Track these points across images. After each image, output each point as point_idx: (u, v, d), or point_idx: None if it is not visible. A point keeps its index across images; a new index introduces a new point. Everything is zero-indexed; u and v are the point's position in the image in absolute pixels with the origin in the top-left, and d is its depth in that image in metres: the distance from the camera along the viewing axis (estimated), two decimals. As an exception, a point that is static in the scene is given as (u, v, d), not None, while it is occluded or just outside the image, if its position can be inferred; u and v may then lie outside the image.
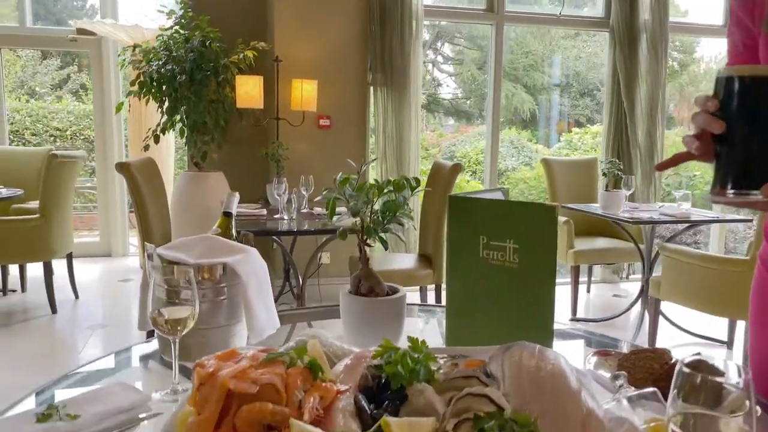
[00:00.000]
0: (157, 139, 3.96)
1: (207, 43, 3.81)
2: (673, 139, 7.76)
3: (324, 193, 1.26)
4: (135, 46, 3.95)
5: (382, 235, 1.26)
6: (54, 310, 4.13)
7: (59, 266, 4.43)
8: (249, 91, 3.72)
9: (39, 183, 3.98)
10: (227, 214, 1.39)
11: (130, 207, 6.15)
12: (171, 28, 3.98)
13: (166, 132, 3.99)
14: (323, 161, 4.24)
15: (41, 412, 0.92)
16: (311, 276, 4.00)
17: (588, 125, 8.93)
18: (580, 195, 4.47)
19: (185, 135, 3.99)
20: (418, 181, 1.24)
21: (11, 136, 6.79)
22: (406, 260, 3.78)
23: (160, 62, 3.80)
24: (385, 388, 0.89)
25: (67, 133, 7.88)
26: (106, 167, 6.09)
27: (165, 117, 3.96)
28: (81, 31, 5.27)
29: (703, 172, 7.92)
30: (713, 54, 8.10)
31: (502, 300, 1.21)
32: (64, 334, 3.87)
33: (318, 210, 3.54)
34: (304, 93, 3.89)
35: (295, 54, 4.15)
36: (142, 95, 3.86)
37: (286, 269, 3.70)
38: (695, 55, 9.16)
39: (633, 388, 0.95)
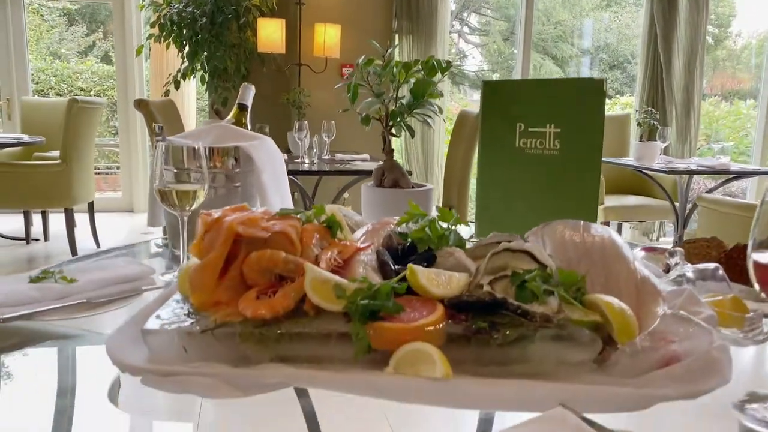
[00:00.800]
0: (177, 85, 3.88)
1: (229, -17, 3.70)
2: (707, 109, 7.48)
3: (345, 77, 1.15)
4: (155, -13, 3.86)
5: (410, 122, 1.16)
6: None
7: (81, 219, 4.41)
8: (271, 34, 3.62)
9: (61, 132, 3.94)
10: (242, 106, 1.30)
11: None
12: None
13: (187, 78, 3.91)
14: (345, 113, 4.11)
15: (35, 275, 0.84)
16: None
17: (618, 96, 8.66)
18: (612, 151, 4.30)
19: (206, 81, 3.90)
20: (449, 63, 1.13)
21: (36, 95, 6.79)
22: (430, 212, 3.67)
23: (181, 5, 3.71)
24: (410, 252, 0.79)
25: (91, 93, 7.87)
26: (128, 126, 6.06)
27: (185, 63, 3.87)
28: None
29: (737, 142, 7.64)
30: (751, 30, 7.66)
31: (540, 192, 1.11)
32: (85, 280, 3.85)
33: (340, 156, 3.45)
34: (327, 38, 3.77)
35: (319, -3, 4.04)
36: (162, 39, 3.77)
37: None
38: (731, 29, 8.79)
39: (690, 265, 0.84)
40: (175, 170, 1.03)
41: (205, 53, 3.79)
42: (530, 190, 1.13)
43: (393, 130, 1.15)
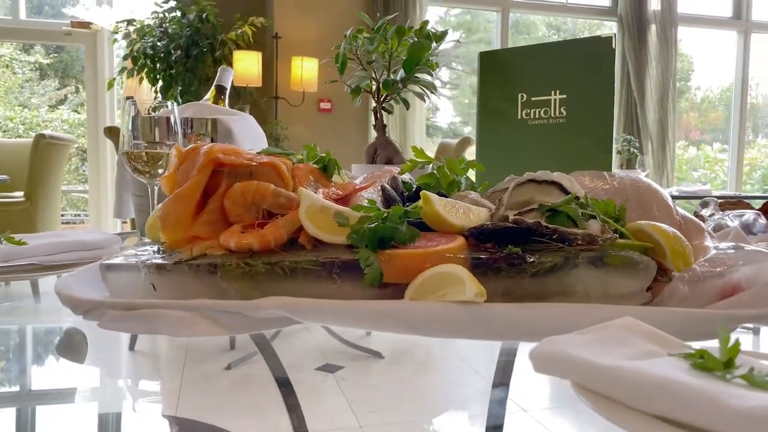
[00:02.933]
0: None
1: (203, 16, 3.65)
2: (677, 153, 7.62)
3: (332, 48, 1.08)
4: (129, 21, 3.80)
5: (404, 95, 1.07)
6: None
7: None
8: (247, 67, 3.57)
9: (26, 172, 3.78)
10: (220, 88, 1.21)
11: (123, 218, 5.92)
12: (167, 1, 3.83)
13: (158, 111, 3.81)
14: (323, 147, 4.04)
15: (-23, 238, 0.72)
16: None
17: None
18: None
19: (180, 116, 3.81)
20: (444, 32, 1.06)
21: (2, 141, 6.62)
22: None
23: (155, 38, 3.65)
24: (416, 199, 0.69)
25: (61, 141, 7.71)
26: (98, 173, 5.90)
27: (159, 97, 3.79)
28: (76, 25, 5.14)
29: (710, 182, 7.75)
30: (711, 83, 7.85)
31: (546, 165, 1.02)
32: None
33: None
34: (304, 72, 3.73)
35: (296, 30, 4.01)
36: (135, 72, 3.69)
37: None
38: (690, 83, 9.08)
39: (729, 214, 0.75)
40: (146, 144, 0.92)
41: (180, 88, 3.71)
42: (535, 165, 1.04)
43: (386, 105, 1.06)
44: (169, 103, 0.91)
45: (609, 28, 5.01)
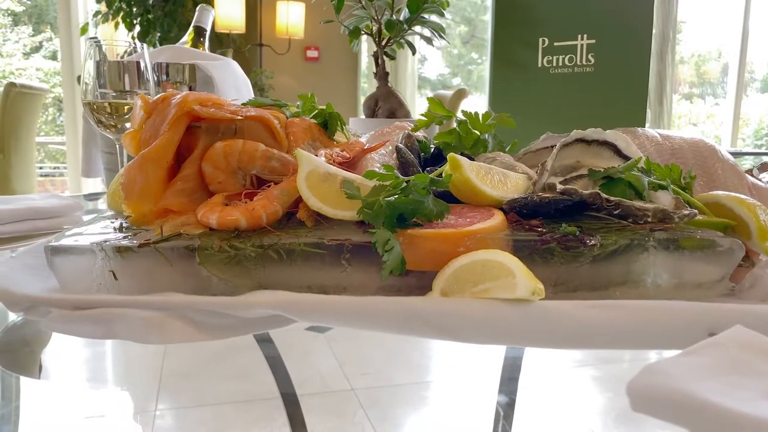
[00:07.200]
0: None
1: (183, -44, 3.43)
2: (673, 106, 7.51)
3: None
4: (102, -39, 3.56)
5: (410, 37, 0.95)
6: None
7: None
8: (230, 11, 3.36)
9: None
10: (199, 30, 1.07)
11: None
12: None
13: (138, 60, 3.61)
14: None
15: None
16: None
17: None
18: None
19: (159, 65, 3.61)
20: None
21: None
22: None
23: (131, -20, 3.43)
24: (435, 162, 0.58)
25: (37, 90, 7.41)
26: (75, 124, 5.67)
27: (137, 43, 3.58)
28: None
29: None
30: (700, 38, 7.65)
31: (570, 121, 0.91)
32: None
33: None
34: (290, 17, 3.53)
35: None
36: (111, 17, 3.47)
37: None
38: (680, 35, 8.89)
39: (794, 179, 0.65)
40: (113, 94, 0.80)
41: (159, 34, 3.50)
42: (557, 120, 0.93)
43: (388, 50, 0.93)
44: (138, 45, 0.78)
45: None
